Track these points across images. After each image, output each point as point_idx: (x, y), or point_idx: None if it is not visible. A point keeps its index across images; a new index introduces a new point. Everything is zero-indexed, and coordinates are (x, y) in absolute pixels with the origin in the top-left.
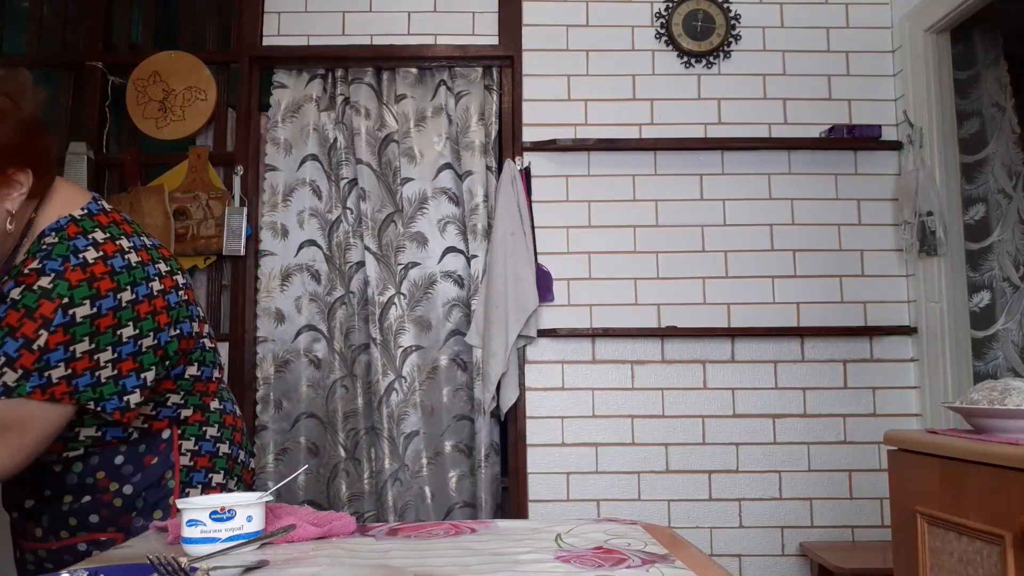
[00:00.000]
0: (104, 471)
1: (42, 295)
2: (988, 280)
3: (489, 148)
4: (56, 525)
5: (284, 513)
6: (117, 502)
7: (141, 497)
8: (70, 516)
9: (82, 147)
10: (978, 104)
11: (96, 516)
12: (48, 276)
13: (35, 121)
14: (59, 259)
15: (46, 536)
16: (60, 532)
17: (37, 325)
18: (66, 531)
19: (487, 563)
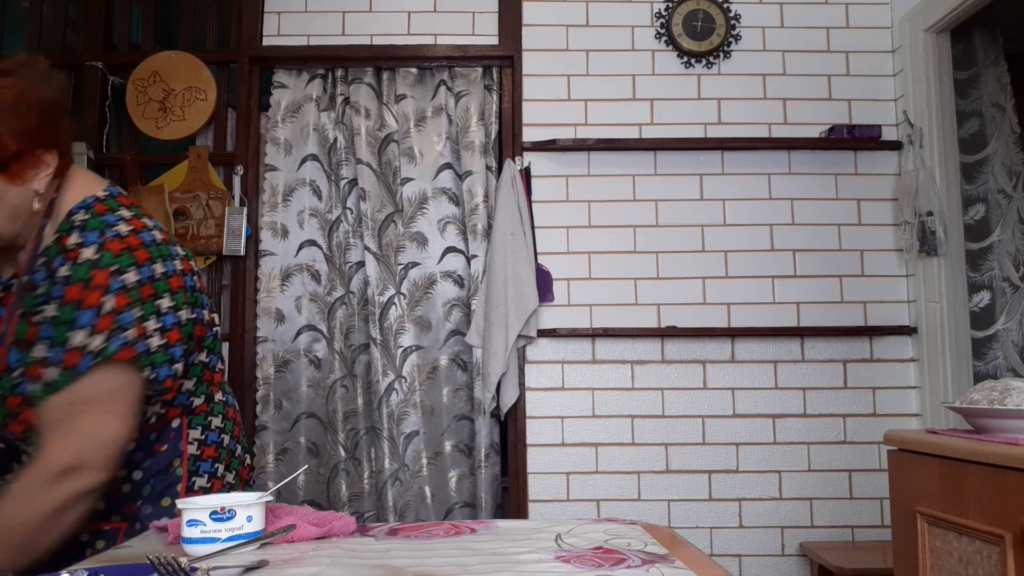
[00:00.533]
0: (142, 452)
1: (91, 266)
2: (988, 280)
3: (489, 148)
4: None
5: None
6: (125, 487)
7: (149, 484)
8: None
9: (82, 147)
10: (978, 104)
11: (102, 503)
12: (91, 248)
13: (58, 104)
14: (96, 231)
15: None
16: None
17: (99, 293)
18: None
19: (487, 563)
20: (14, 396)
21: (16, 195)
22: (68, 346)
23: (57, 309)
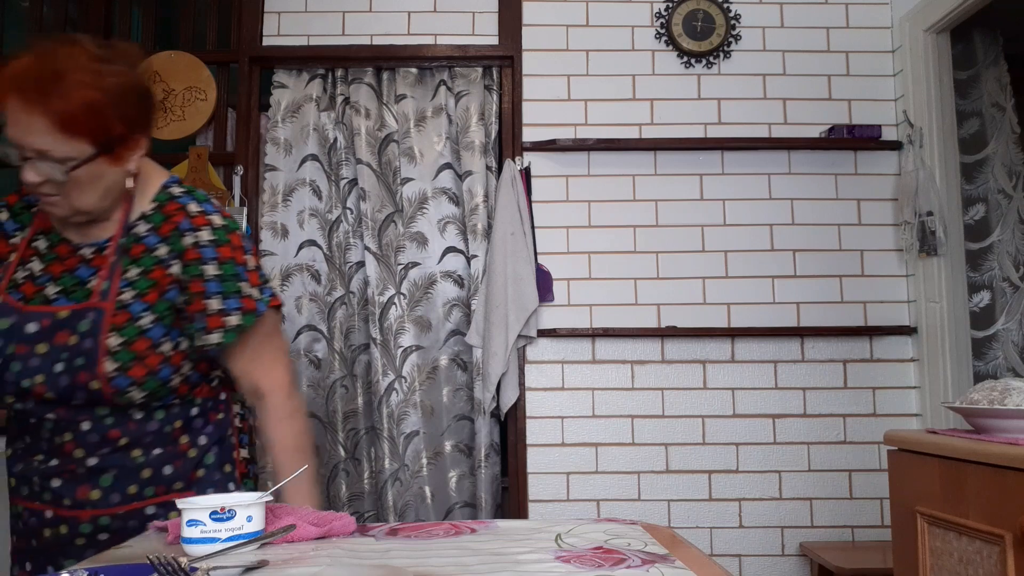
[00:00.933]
0: (181, 421)
1: (226, 230)
2: (988, 280)
3: (489, 148)
4: (124, 481)
5: (284, 513)
6: (192, 453)
7: (212, 451)
8: (143, 468)
9: None
10: (978, 104)
11: (170, 467)
12: (216, 215)
13: (149, 90)
14: (206, 203)
15: (107, 497)
16: (128, 488)
17: (241, 252)
18: (136, 484)
19: (487, 563)
20: (143, 340)
21: (113, 175)
22: (243, 295)
23: (219, 268)
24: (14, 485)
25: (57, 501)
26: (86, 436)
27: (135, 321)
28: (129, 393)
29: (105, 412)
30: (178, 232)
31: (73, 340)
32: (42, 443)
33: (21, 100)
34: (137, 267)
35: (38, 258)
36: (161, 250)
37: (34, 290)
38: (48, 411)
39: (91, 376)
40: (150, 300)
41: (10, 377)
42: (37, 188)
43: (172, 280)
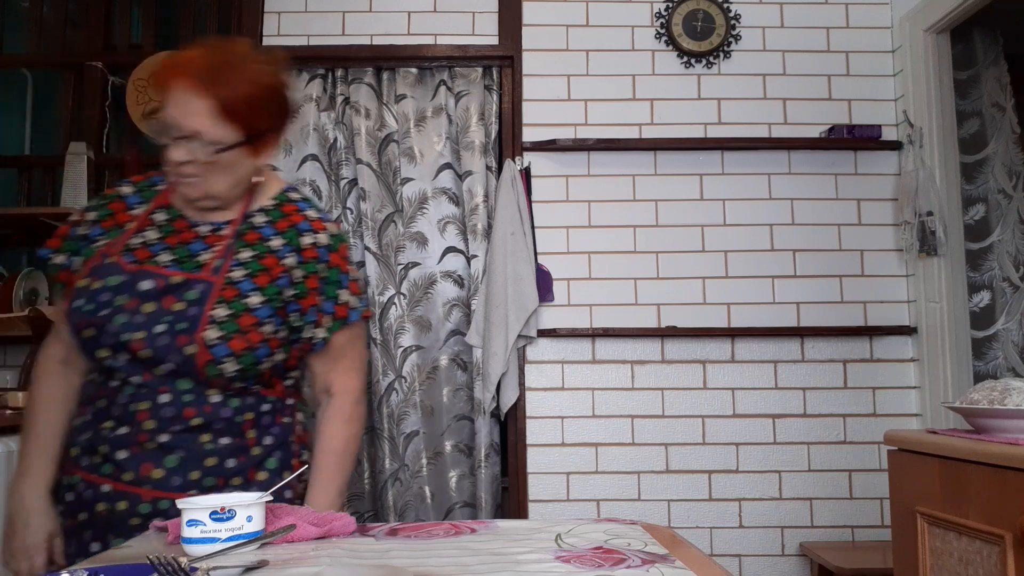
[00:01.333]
0: (252, 415)
1: (337, 239)
2: (988, 280)
3: (489, 148)
4: (189, 465)
5: (284, 513)
6: (256, 451)
7: (275, 455)
8: (208, 456)
9: (82, 147)
10: (978, 104)
11: (234, 460)
12: (331, 224)
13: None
14: (322, 212)
15: (168, 478)
16: (191, 473)
17: (346, 262)
18: (199, 471)
19: (487, 563)
20: (249, 316)
21: (247, 167)
22: (339, 301)
23: (327, 271)
24: (75, 455)
25: (118, 475)
26: (162, 409)
27: (243, 298)
28: (224, 363)
29: (186, 387)
30: (296, 230)
31: (179, 306)
32: (115, 408)
33: (190, 83)
34: (250, 251)
35: (155, 228)
36: (275, 242)
37: (147, 255)
38: (134, 374)
39: (189, 340)
40: (260, 283)
41: (112, 328)
42: (180, 168)
43: (284, 271)
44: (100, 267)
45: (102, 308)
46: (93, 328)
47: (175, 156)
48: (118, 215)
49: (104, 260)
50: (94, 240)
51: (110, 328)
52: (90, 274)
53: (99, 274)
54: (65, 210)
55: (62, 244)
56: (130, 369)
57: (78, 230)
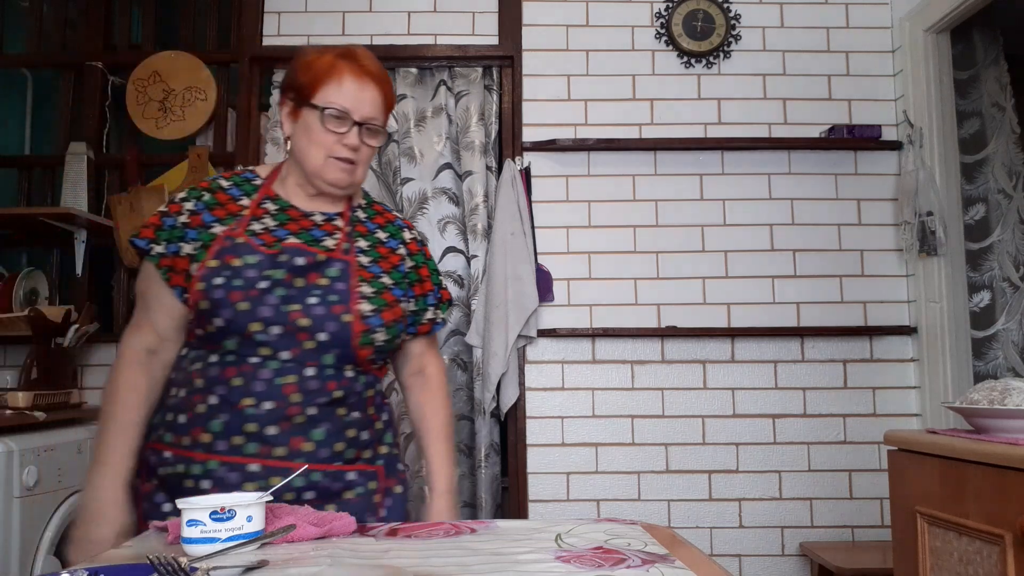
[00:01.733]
0: (373, 391)
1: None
2: (988, 280)
3: (489, 148)
4: (334, 437)
5: (284, 513)
6: (379, 425)
7: (390, 431)
8: (348, 427)
9: (82, 147)
10: (978, 104)
11: (366, 433)
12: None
13: None
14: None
15: (318, 451)
16: (336, 445)
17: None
18: (343, 443)
19: (487, 563)
20: (389, 293)
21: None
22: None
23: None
24: (208, 441)
25: (267, 452)
26: (308, 382)
27: (378, 278)
28: (376, 333)
29: (329, 362)
30: (395, 227)
31: (324, 282)
32: (257, 385)
33: (371, 78)
34: (364, 240)
35: (269, 216)
36: (381, 234)
37: (272, 240)
38: (283, 348)
39: (345, 310)
40: (384, 267)
41: (272, 300)
42: (346, 153)
43: (400, 259)
44: (233, 247)
45: (255, 282)
46: (248, 301)
47: (351, 141)
48: (227, 205)
49: (234, 241)
50: (209, 226)
51: (270, 299)
52: (219, 255)
53: (236, 253)
54: (65, 210)
55: (157, 234)
56: (279, 343)
57: (178, 219)
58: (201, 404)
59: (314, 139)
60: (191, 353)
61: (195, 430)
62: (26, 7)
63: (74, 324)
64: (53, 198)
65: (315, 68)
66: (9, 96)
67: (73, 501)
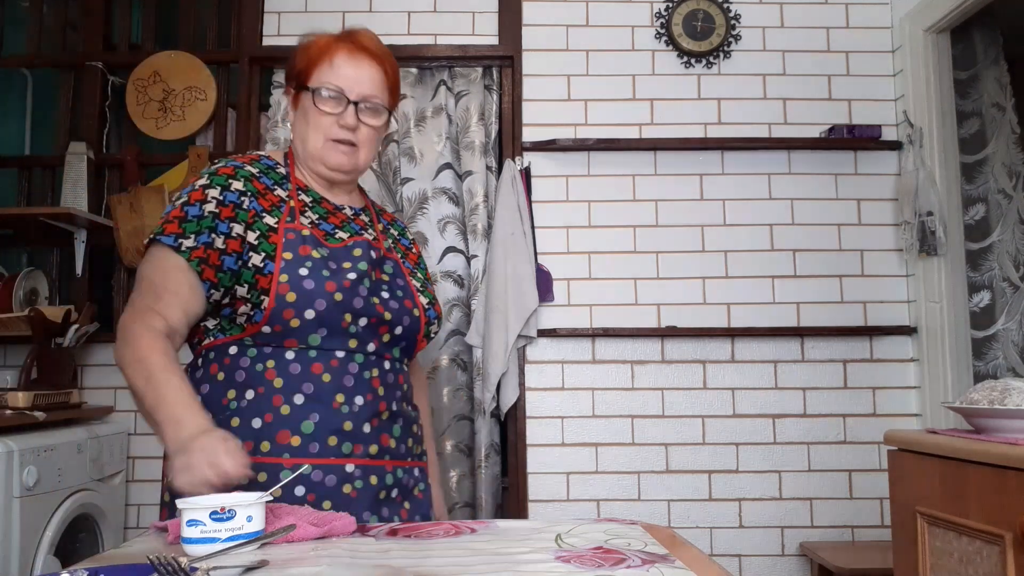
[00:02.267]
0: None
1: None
2: (988, 280)
3: (489, 148)
4: (406, 432)
5: (284, 513)
6: (414, 428)
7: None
8: (412, 423)
9: (82, 147)
10: (978, 104)
11: (418, 427)
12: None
13: None
14: None
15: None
16: (408, 439)
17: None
18: (411, 438)
19: (487, 563)
20: (431, 288)
21: (377, 145)
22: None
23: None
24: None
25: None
26: (387, 375)
27: (415, 273)
28: (433, 326)
29: (397, 355)
30: (399, 226)
31: (386, 277)
32: (347, 379)
33: (366, 55)
34: (388, 238)
35: (309, 209)
36: (394, 231)
37: (323, 234)
38: (369, 340)
39: (412, 304)
40: (410, 262)
41: (362, 291)
42: (343, 134)
43: (417, 257)
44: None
45: (345, 273)
46: (341, 292)
47: (348, 121)
48: (267, 194)
49: (300, 234)
50: (261, 215)
51: (360, 290)
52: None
53: (308, 245)
54: (65, 210)
55: (183, 227)
56: (365, 335)
57: (204, 207)
58: (284, 405)
59: (311, 122)
60: (251, 351)
61: (280, 434)
62: (26, 7)
63: (74, 324)
64: (53, 198)
65: (310, 51)
66: (9, 96)
67: (73, 501)
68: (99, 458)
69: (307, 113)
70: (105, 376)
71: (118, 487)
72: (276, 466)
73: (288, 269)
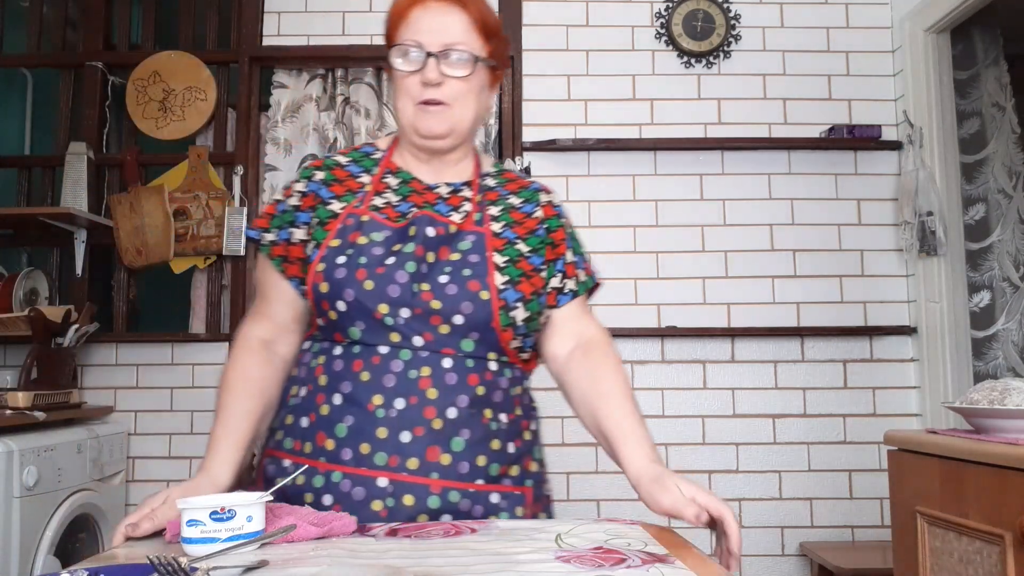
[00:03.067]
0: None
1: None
2: (988, 280)
3: (489, 148)
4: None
5: (284, 513)
6: (527, 435)
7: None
8: (493, 437)
9: (82, 147)
10: (978, 104)
11: (513, 445)
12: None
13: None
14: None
15: (456, 464)
16: (477, 458)
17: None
18: (484, 456)
19: (487, 563)
20: (525, 262)
21: (484, 100)
22: (587, 260)
23: (570, 227)
24: (332, 448)
25: (399, 463)
26: (446, 375)
27: (513, 244)
28: (515, 310)
29: (469, 348)
30: (530, 191)
31: (455, 256)
32: (387, 378)
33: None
34: (495, 207)
35: (392, 192)
36: (513, 199)
37: (396, 215)
38: (413, 333)
39: (482, 285)
40: (519, 232)
41: (401, 277)
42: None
43: (538, 222)
44: (357, 224)
45: (383, 259)
46: (373, 279)
47: (428, 76)
48: (346, 181)
49: (358, 219)
50: (327, 202)
51: (398, 276)
52: (341, 233)
53: (360, 230)
54: (65, 210)
55: (271, 221)
56: (410, 327)
57: (288, 202)
58: (325, 404)
59: (399, 88)
60: (314, 346)
61: (319, 434)
62: (26, 7)
63: (74, 324)
64: (53, 198)
65: (391, 15)
66: (9, 96)
67: (73, 501)
68: (99, 458)
69: (395, 80)
70: (105, 376)
71: (118, 487)
72: (312, 470)
73: (327, 257)
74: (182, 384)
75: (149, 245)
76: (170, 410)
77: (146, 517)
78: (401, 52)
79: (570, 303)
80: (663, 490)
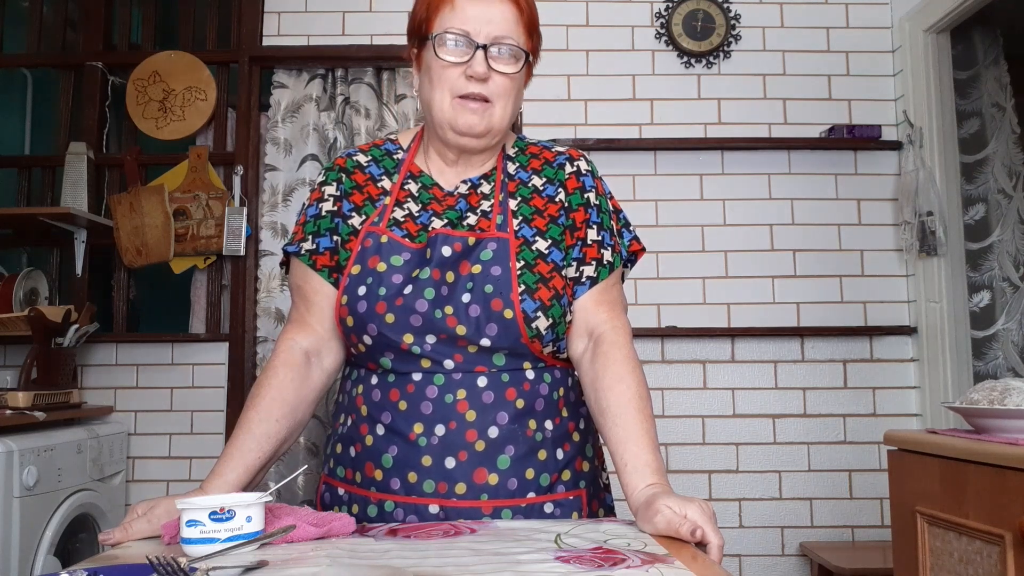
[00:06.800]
0: (563, 388)
1: (595, 167)
2: (988, 280)
3: None
4: (522, 463)
5: (283, 513)
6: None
7: (590, 440)
8: (540, 448)
9: (82, 147)
10: (978, 104)
11: (562, 451)
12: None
13: None
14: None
15: (504, 483)
16: (526, 471)
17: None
18: (532, 468)
19: (487, 563)
20: (544, 263)
21: (519, 95)
22: (614, 233)
23: (596, 198)
24: (380, 479)
25: (448, 490)
26: (482, 394)
27: (530, 245)
28: (537, 320)
29: (501, 363)
30: (552, 166)
31: (476, 269)
32: (424, 406)
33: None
34: (514, 199)
35: (413, 200)
36: (536, 181)
37: (417, 228)
38: (444, 357)
39: (505, 303)
40: (538, 225)
41: (421, 306)
42: (473, 87)
43: (560, 206)
44: (376, 247)
45: (401, 288)
46: (393, 312)
47: (476, 69)
48: (366, 188)
49: (377, 240)
50: (348, 216)
51: (418, 305)
52: (361, 258)
53: (379, 254)
54: (65, 210)
55: (304, 229)
56: (437, 352)
57: (321, 206)
58: (369, 435)
59: (435, 80)
60: (352, 373)
61: (367, 464)
62: (26, 7)
63: (74, 324)
64: (53, 198)
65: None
66: (9, 96)
67: (73, 501)
68: (99, 458)
69: (430, 70)
70: (105, 376)
71: (118, 487)
72: (364, 499)
73: (349, 288)
74: (182, 384)
75: (149, 245)
76: (170, 410)
77: (120, 528)
78: (445, 41)
79: (586, 293)
80: (655, 513)
